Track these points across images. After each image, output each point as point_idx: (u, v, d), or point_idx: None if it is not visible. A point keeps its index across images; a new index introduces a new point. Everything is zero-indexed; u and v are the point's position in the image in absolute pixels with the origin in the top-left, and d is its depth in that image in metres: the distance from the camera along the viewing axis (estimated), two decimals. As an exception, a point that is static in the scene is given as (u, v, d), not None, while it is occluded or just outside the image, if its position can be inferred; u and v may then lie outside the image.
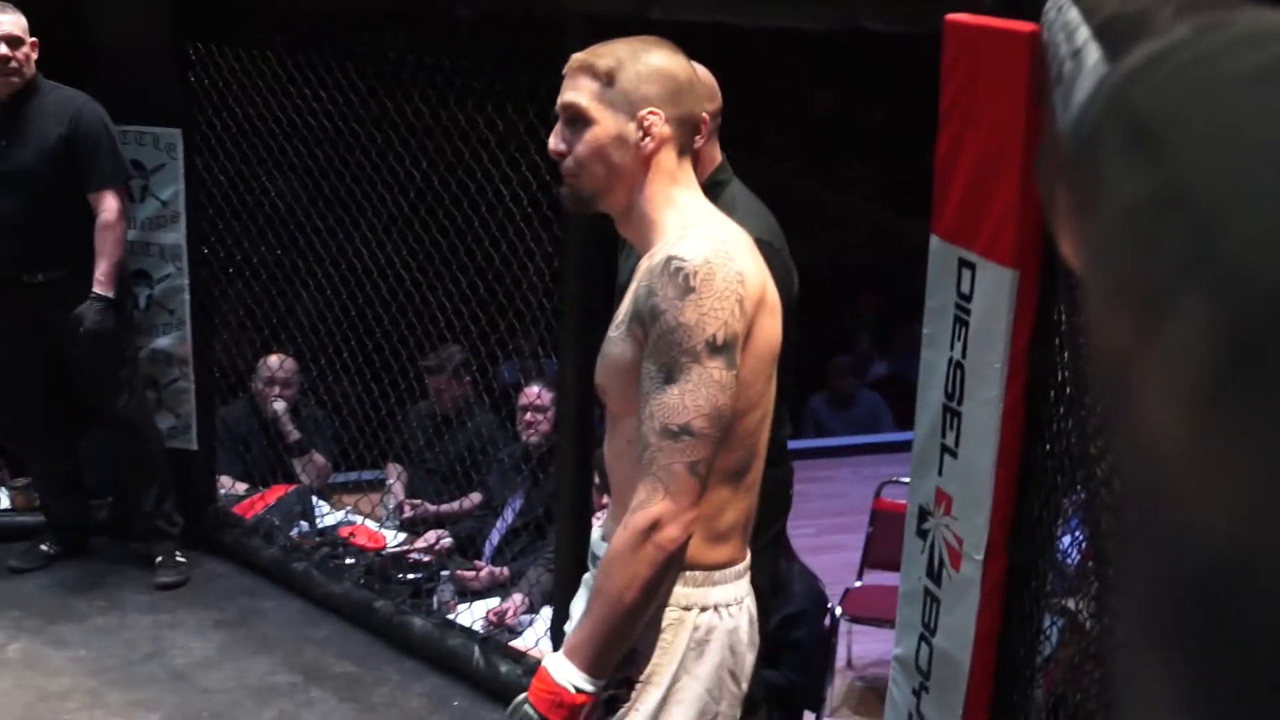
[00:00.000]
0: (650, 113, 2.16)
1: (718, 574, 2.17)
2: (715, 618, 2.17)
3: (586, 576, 2.35)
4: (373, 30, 4.67)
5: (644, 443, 2.05)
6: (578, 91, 2.19)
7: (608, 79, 2.17)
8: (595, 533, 2.36)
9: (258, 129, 5.01)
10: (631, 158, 2.17)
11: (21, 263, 4.50)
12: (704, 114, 2.97)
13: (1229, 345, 0.36)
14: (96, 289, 4.48)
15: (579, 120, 2.18)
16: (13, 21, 4.44)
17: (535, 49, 4.00)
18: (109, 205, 4.53)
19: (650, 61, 2.18)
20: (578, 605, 2.36)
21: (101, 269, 4.49)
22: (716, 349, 2.01)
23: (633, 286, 2.12)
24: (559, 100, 2.22)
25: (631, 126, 2.16)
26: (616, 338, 2.12)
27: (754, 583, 3.14)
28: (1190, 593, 0.40)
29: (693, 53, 3.12)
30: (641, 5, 3.44)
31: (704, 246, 2.04)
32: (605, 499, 2.55)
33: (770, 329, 2.15)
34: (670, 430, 2.02)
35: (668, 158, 2.19)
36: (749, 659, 2.26)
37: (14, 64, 4.44)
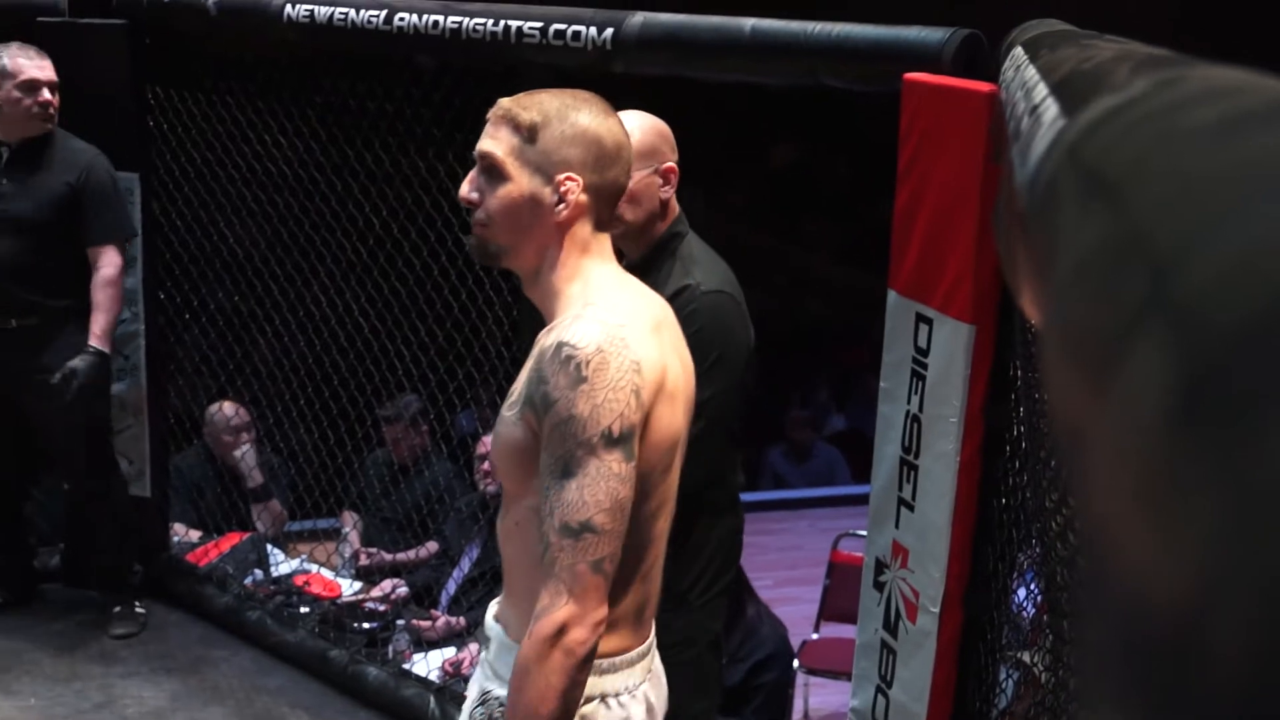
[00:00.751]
0: (568, 178, 2.05)
1: (605, 663, 2.07)
2: (602, 709, 2.08)
3: (483, 657, 2.26)
4: (333, 78, 4.68)
5: (545, 541, 1.93)
6: (496, 142, 2.08)
7: (529, 135, 2.06)
8: (489, 612, 2.27)
9: (216, 174, 5.01)
10: (544, 222, 2.07)
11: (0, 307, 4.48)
12: (673, 165, 3.00)
13: (1184, 390, 0.37)
14: (94, 342, 4.46)
15: (494, 172, 2.08)
16: (51, 66, 4.46)
17: (496, 99, 4.02)
18: (111, 260, 4.52)
19: (577, 122, 2.07)
20: (474, 688, 2.26)
21: (101, 324, 4.48)
22: (614, 441, 1.91)
23: (527, 364, 2.03)
24: (477, 145, 2.11)
25: (547, 190, 2.05)
26: (509, 418, 2.01)
27: (711, 629, 3.16)
28: (1144, 647, 0.40)
29: (652, 106, 3.16)
30: (603, 58, 3.46)
31: (597, 332, 1.94)
32: None
33: (669, 418, 2.04)
34: (570, 528, 1.90)
35: (582, 227, 2.08)
36: None
37: (52, 109, 4.46)
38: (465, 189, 2.11)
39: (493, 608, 2.26)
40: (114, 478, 4.85)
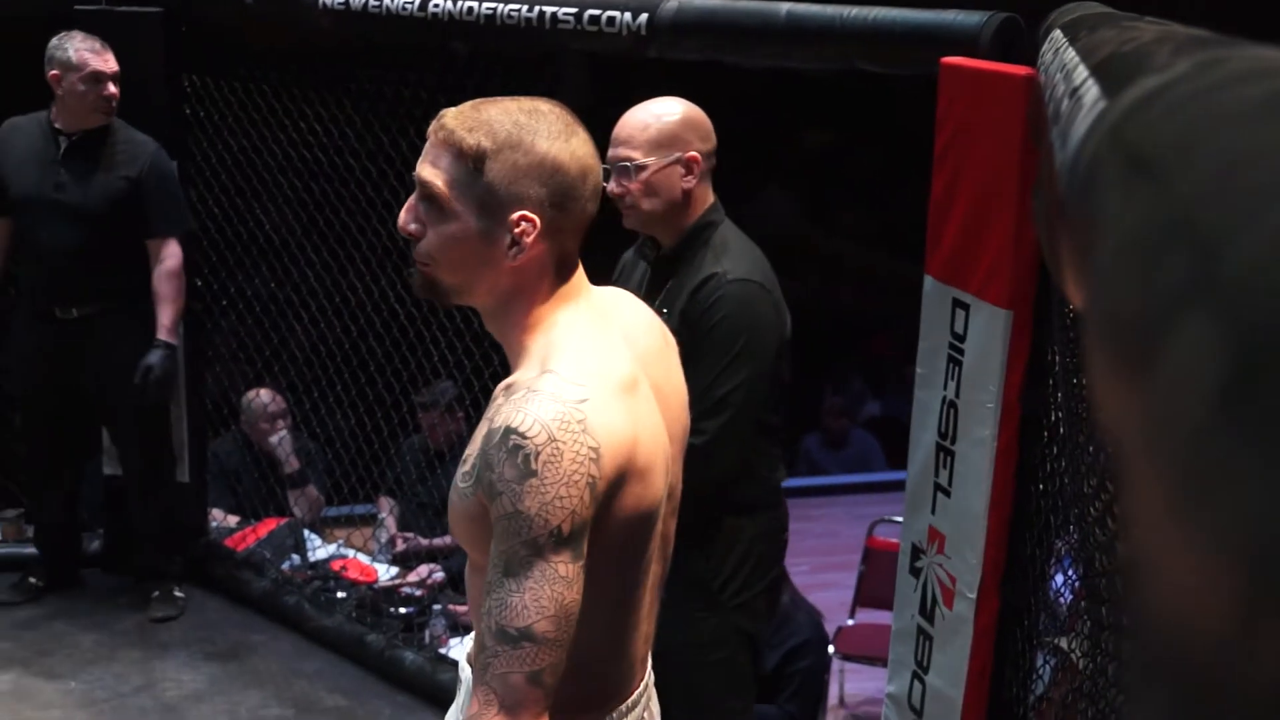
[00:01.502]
0: (522, 218, 1.76)
1: None
2: None
3: (456, 702, 2.14)
4: (369, 65, 4.69)
5: (480, 643, 1.73)
6: (436, 171, 1.78)
7: (475, 164, 1.76)
8: (462, 653, 2.11)
9: (252, 161, 5.03)
10: (497, 264, 1.78)
11: (58, 297, 4.53)
12: (698, 154, 2.98)
13: (1230, 368, 0.37)
14: (163, 335, 4.54)
15: (434, 204, 1.79)
16: (113, 60, 4.50)
17: (532, 86, 4.02)
18: (173, 252, 4.58)
19: (533, 148, 1.76)
20: (453, 714, 2.16)
21: (168, 316, 4.55)
22: (563, 540, 1.67)
23: (482, 427, 1.75)
24: (416, 168, 1.82)
25: (499, 230, 1.77)
26: (465, 490, 1.76)
27: (746, 630, 3.13)
28: (1189, 637, 0.40)
29: (685, 92, 3.15)
30: (638, 43, 3.45)
31: (550, 414, 1.67)
32: None
33: (641, 493, 1.79)
34: (509, 634, 1.68)
35: (541, 269, 1.80)
36: None
37: (114, 101, 4.50)
38: (403, 218, 1.83)
39: (464, 651, 2.09)
40: (167, 464, 4.91)
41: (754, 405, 2.95)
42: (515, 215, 1.76)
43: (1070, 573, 2.54)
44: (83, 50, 4.45)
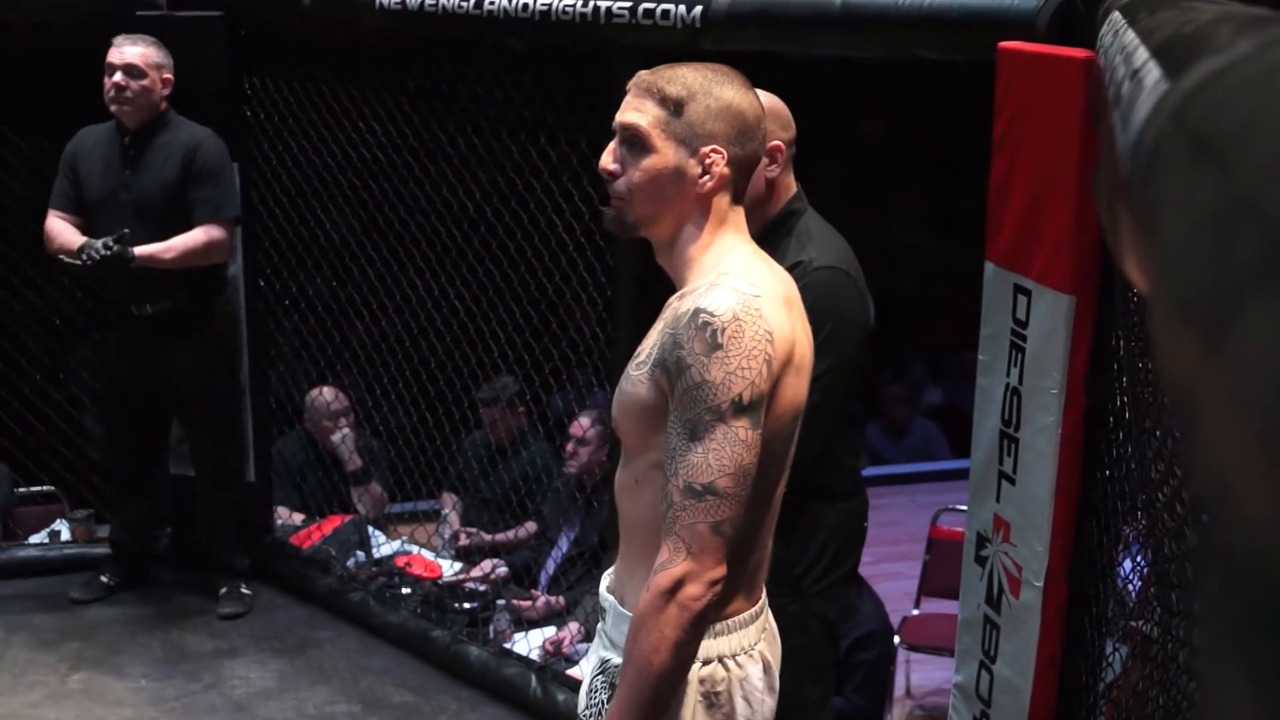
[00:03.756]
0: (713, 150, 2.08)
1: (722, 625, 2.11)
2: (720, 669, 2.11)
3: (600, 627, 2.30)
4: (425, 63, 4.72)
5: (668, 500, 1.98)
6: (641, 114, 2.10)
7: (675, 108, 2.08)
8: (603, 584, 2.31)
9: (312, 162, 5.06)
10: (685, 194, 2.10)
11: (132, 294, 4.57)
12: (780, 143, 2.98)
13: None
14: (140, 250, 4.46)
15: (637, 144, 2.10)
16: (137, 52, 4.54)
17: (586, 80, 4.03)
18: (214, 235, 4.56)
19: (721, 96, 2.09)
20: (593, 656, 2.31)
21: (162, 248, 4.47)
22: (742, 408, 1.95)
23: (659, 327, 2.07)
24: (618, 117, 2.13)
25: (692, 162, 2.08)
26: (637, 377, 2.05)
27: (826, 617, 3.13)
28: (1264, 606, 0.40)
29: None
30: (692, 36, 3.45)
31: (733, 300, 1.97)
32: None
33: (794, 389, 2.08)
34: (694, 489, 1.95)
35: (722, 199, 2.11)
36: (768, 704, 2.21)
37: (129, 93, 4.51)
38: (606, 160, 2.13)
39: (606, 579, 2.30)
40: (238, 460, 4.99)
41: (839, 392, 2.95)
42: (707, 149, 2.08)
43: (1139, 559, 2.52)
44: (111, 47, 4.52)
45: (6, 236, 4.77)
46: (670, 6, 3.49)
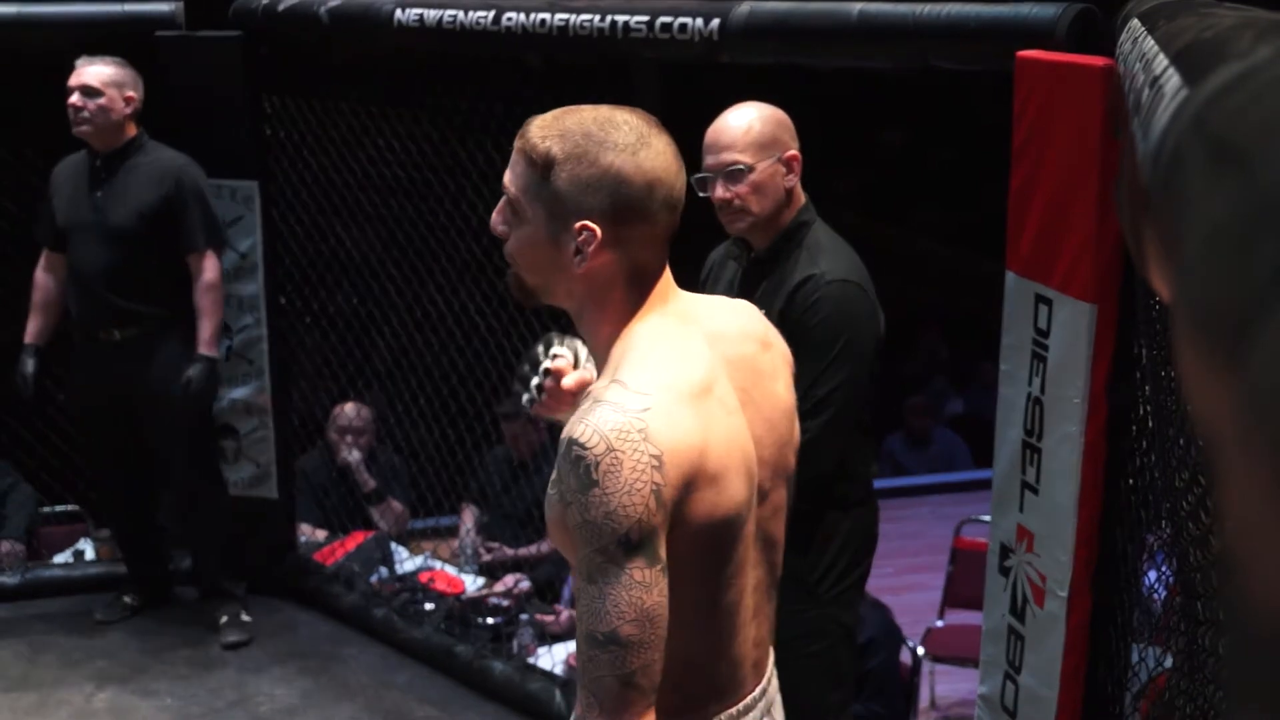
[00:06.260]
0: (584, 227, 1.78)
1: None
2: None
3: None
4: (444, 80, 4.73)
5: (578, 644, 1.77)
6: (513, 176, 1.85)
7: (543, 172, 1.80)
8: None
9: (332, 180, 5.08)
10: (567, 271, 1.82)
11: (100, 319, 4.56)
12: (796, 152, 3.02)
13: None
14: (203, 349, 4.54)
15: (513, 208, 1.86)
16: (93, 72, 4.50)
17: (605, 96, 4.03)
18: (211, 265, 4.58)
19: (599, 160, 1.78)
20: None
21: (207, 330, 4.55)
22: (633, 548, 1.69)
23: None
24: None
25: (565, 237, 1.80)
26: (553, 497, 1.80)
27: (844, 622, 3.14)
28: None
29: (756, 94, 3.15)
30: (710, 49, 3.46)
31: (610, 424, 1.69)
32: None
33: (715, 498, 1.78)
34: (596, 639, 1.72)
35: (610, 279, 1.82)
36: None
37: (85, 113, 4.48)
38: (494, 219, 1.90)
39: None
40: (214, 483, 4.94)
41: (854, 404, 2.99)
42: (577, 224, 1.78)
43: (1164, 568, 2.51)
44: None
45: (33, 260, 4.77)
46: (688, 20, 3.49)
